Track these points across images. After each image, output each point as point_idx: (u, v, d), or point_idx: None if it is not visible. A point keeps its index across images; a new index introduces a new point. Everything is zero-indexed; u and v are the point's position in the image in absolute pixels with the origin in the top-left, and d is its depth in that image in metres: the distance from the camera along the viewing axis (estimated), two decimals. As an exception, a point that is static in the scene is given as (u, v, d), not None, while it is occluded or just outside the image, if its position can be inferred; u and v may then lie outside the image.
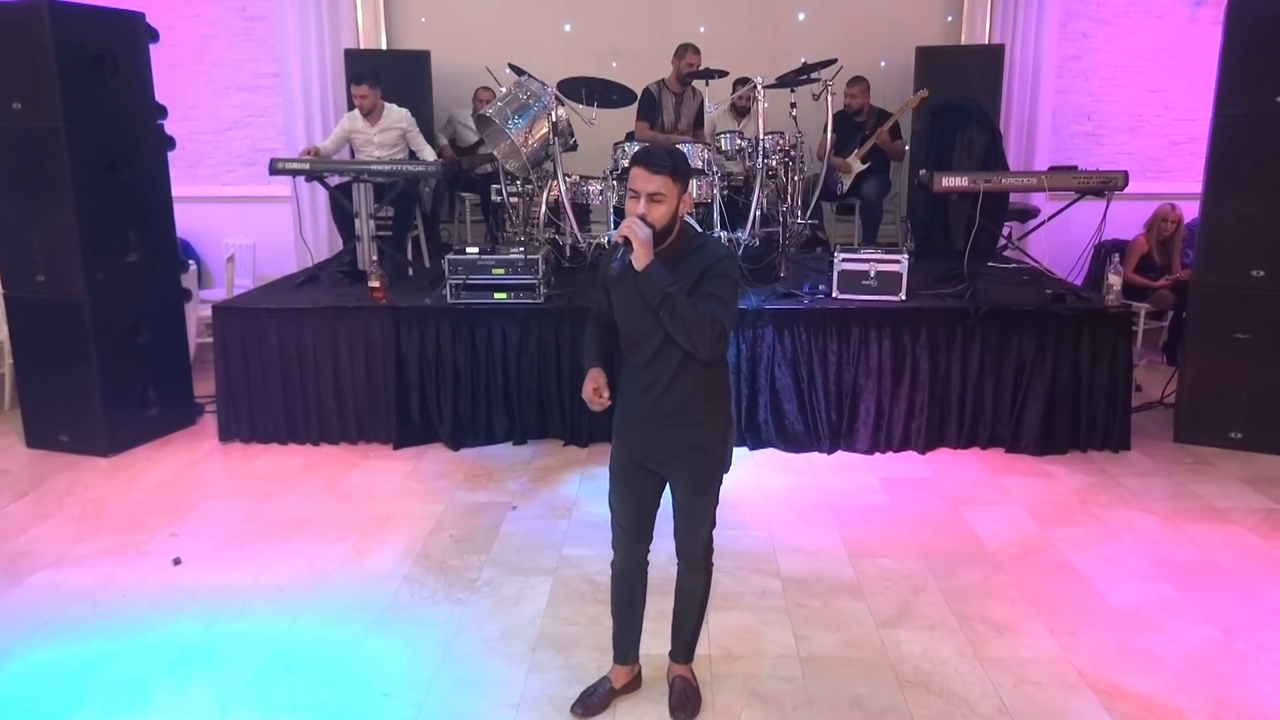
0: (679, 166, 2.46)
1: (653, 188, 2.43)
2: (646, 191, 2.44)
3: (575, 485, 4.64)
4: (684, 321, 2.40)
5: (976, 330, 4.95)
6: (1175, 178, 7.41)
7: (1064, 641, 3.25)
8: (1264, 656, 3.15)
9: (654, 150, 2.50)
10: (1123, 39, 7.44)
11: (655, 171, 2.43)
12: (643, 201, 2.45)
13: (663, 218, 2.46)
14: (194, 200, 7.12)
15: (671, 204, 2.46)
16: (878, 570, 3.77)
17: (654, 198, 2.44)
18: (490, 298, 5.10)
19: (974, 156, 6.23)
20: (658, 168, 2.43)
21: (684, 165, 2.49)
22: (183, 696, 2.99)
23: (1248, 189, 4.83)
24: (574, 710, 2.88)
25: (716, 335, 2.43)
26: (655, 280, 2.41)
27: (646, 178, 2.44)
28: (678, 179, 2.45)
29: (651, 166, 2.43)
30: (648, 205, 2.44)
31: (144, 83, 5.22)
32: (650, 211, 2.44)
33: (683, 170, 2.47)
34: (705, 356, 2.47)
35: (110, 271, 5.01)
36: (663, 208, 2.45)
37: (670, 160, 2.45)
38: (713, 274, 2.48)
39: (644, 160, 2.45)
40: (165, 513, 4.33)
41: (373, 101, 6.20)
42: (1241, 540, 4.01)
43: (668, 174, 2.43)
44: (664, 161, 2.43)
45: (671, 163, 2.44)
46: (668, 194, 2.44)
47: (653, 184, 2.43)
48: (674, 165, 2.44)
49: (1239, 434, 5.00)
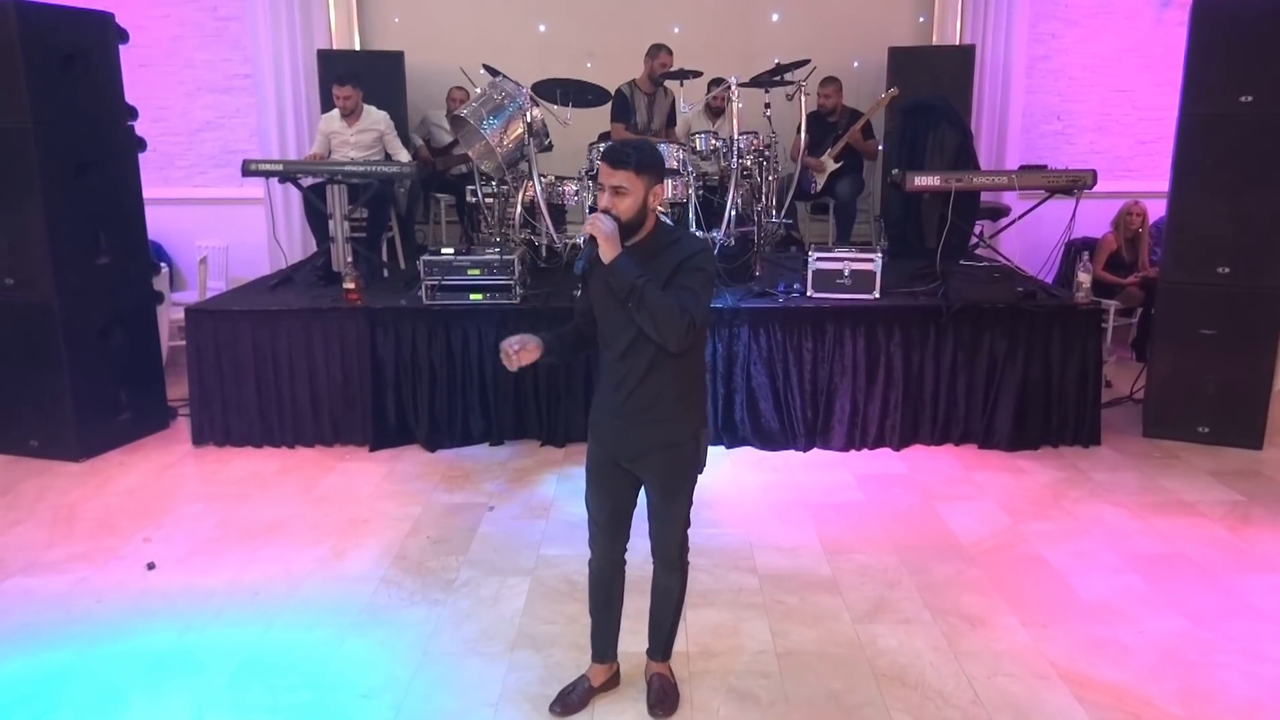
0: (643, 160, 2.49)
1: (615, 181, 2.47)
2: (610, 185, 2.48)
3: (552, 485, 4.65)
4: (652, 312, 2.43)
5: (949, 328, 5.00)
6: (1143, 176, 7.51)
7: (1036, 633, 3.30)
8: (1230, 645, 3.21)
9: (619, 145, 2.53)
10: (1091, 40, 7.54)
11: (617, 166, 2.47)
12: (607, 195, 2.49)
13: (628, 210, 2.49)
14: (165, 202, 7.05)
15: (637, 197, 2.49)
16: (853, 566, 3.80)
17: (618, 190, 2.48)
18: (466, 299, 5.10)
19: (946, 156, 6.29)
20: (619, 162, 2.47)
21: (650, 158, 2.51)
22: (159, 702, 2.97)
23: (1213, 187, 4.90)
24: (553, 709, 2.89)
25: (685, 326, 2.44)
26: (623, 272, 2.44)
27: (609, 172, 2.48)
28: (641, 172, 2.48)
29: (614, 161, 2.48)
30: (612, 198, 2.49)
31: (114, 84, 5.17)
32: (615, 204, 2.48)
33: (648, 163, 2.50)
34: (674, 348, 2.50)
35: (81, 274, 4.96)
36: (627, 200, 2.48)
37: (635, 154, 2.48)
38: (687, 267, 2.51)
39: (608, 155, 2.50)
40: (138, 517, 4.30)
41: (355, 102, 6.19)
42: (1209, 532, 4.07)
43: (630, 168, 2.46)
44: (627, 156, 2.47)
45: (636, 157, 2.47)
46: (631, 187, 2.47)
47: (615, 178, 2.47)
48: (638, 159, 2.47)
49: (1206, 428, 5.08)
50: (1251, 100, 4.78)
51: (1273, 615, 3.41)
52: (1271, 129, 4.78)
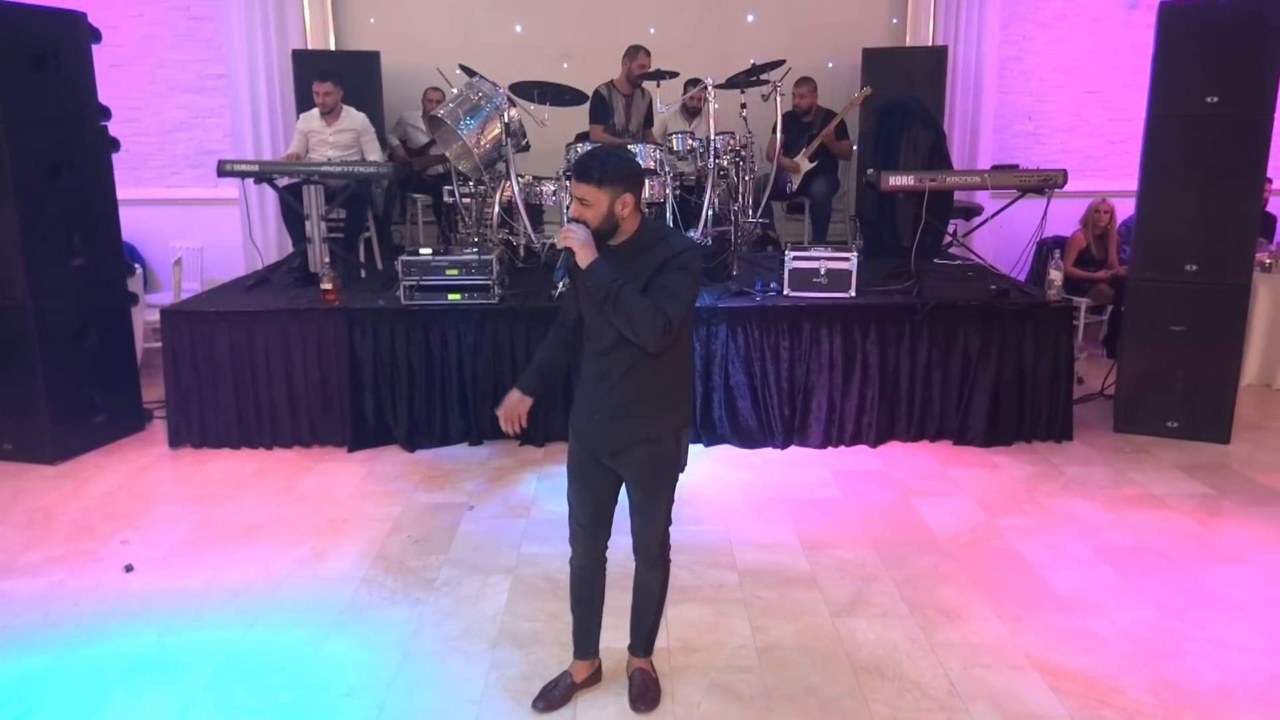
0: (608, 173, 2.53)
1: (579, 193, 2.57)
2: (576, 196, 2.58)
3: (532, 484, 4.66)
4: (628, 314, 2.49)
5: (924, 326, 5.06)
6: (1113, 176, 7.61)
7: (1011, 625, 3.35)
8: (1200, 634, 3.28)
9: (585, 158, 2.60)
10: (1061, 41, 7.64)
11: (580, 179, 2.55)
12: (573, 205, 2.59)
13: (594, 220, 2.56)
14: (138, 203, 6.98)
15: (600, 208, 2.55)
16: (832, 561, 3.85)
17: (582, 202, 2.56)
18: (444, 299, 5.10)
19: (919, 156, 6.35)
20: (583, 175, 2.55)
21: (615, 170, 2.55)
22: (139, 704, 2.96)
23: (1181, 186, 4.99)
24: (535, 705, 2.91)
25: (661, 328, 2.49)
26: (598, 276, 2.51)
27: (575, 183, 2.58)
28: (604, 185, 2.53)
29: (578, 175, 2.56)
30: (578, 208, 2.58)
31: (86, 84, 5.13)
32: (581, 214, 2.57)
33: (612, 175, 2.53)
34: (652, 348, 2.55)
35: (54, 276, 4.92)
36: (590, 211, 2.56)
37: (599, 168, 2.53)
38: (670, 265, 2.55)
39: (574, 168, 2.60)
40: (115, 520, 4.28)
41: (335, 100, 6.17)
42: (1178, 525, 4.15)
43: (593, 182, 2.53)
44: (591, 170, 2.53)
45: (600, 171, 2.53)
46: (594, 200, 2.54)
47: (579, 190, 2.57)
48: (600, 173, 2.53)
49: (1175, 423, 5.17)
50: (1217, 101, 4.87)
51: (1240, 604, 3.48)
52: (1236, 129, 4.87)
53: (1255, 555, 3.86)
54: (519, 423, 2.84)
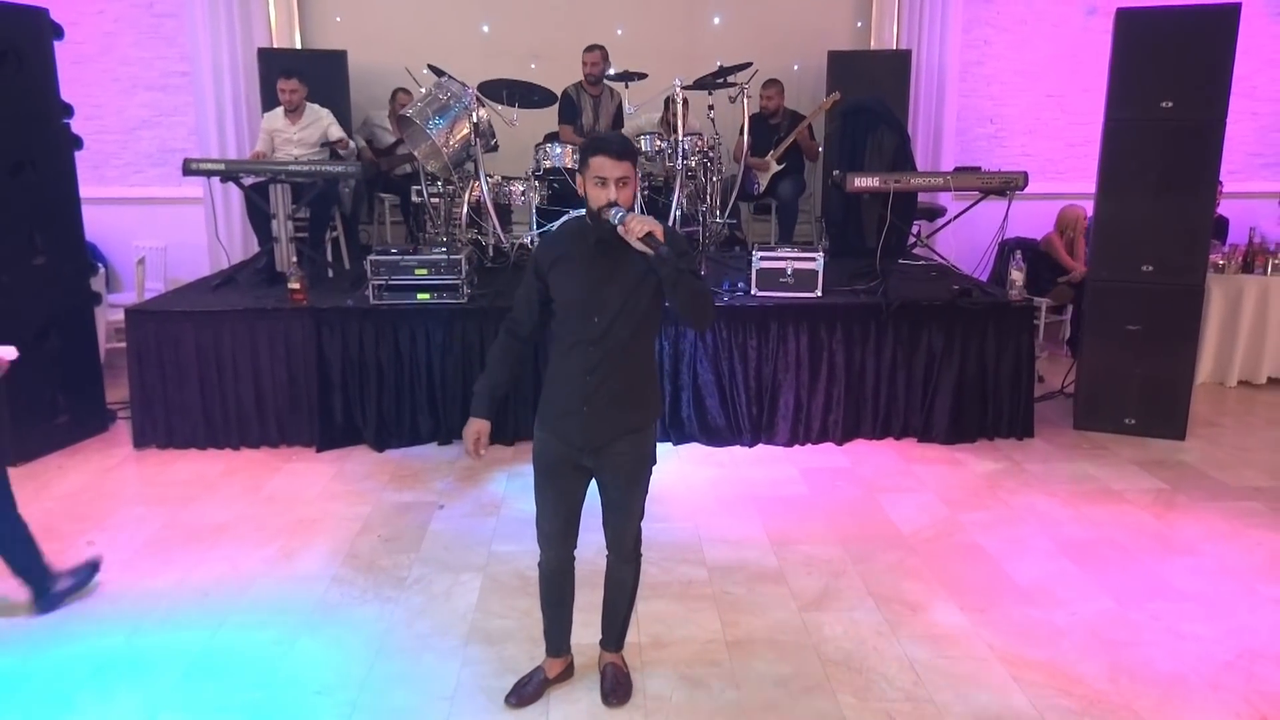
0: (635, 150, 2.59)
1: (620, 172, 2.50)
2: (615, 176, 2.50)
3: (502, 483, 4.68)
4: (698, 294, 2.56)
5: (889, 325, 5.14)
6: (1072, 178, 7.76)
7: (974, 617, 3.42)
8: (1155, 624, 3.38)
9: (611, 138, 2.58)
10: (1021, 46, 7.78)
11: (620, 157, 2.50)
12: (613, 187, 2.50)
13: (627, 201, 2.54)
14: (101, 202, 6.90)
15: (634, 187, 2.58)
16: (799, 557, 3.90)
17: (622, 181, 2.51)
18: (413, 298, 5.10)
19: (884, 157, 6.44)
20: (622, 153, 2.50)
21: (635, 148, 2.62)
22: (108, 704, 2.94)
23: (1137, 189, 5.11)
24: (508, 700, 2.93)
25: (712, 306, 2.63)
26: (671, 259, 2.45)
27: (614, 164, 2.49)
28: (636, 162, 2.57)
29: (615, 153, 2.50)
30: (618, 190, 2.51)
31: (48, 80, 5.06)
32: (620, 195, 2.51)
33: (637, 153, 2.62)
34: (703, 327, 2.67)
35: (15, 275, 4.86)
36: (628, 190, 2.54)
37: (630, 145, 2.56)
38: (680, 251, 2.55)
39: (605, 149, 2.51)
40: (80, 521, 4.23)
41: (300, 98, 6.15)
42: (1135, 519, 4.26)
43: (631, 159, 2.52)
44: (626, 147, 2.53)
45: (632, 147, 2.56)
46: (631, 178, 2.54)
47: (620, 169, 2.50)
48: (634, 149, 2.56)
49: (1132, 420, 5.29)
50: (1171, 106, 5.00)
51: (1194, 595, 3.58)
52: (1190, 133, 5.00)
53: (1208, 548, 3.97)
54: (483, 447, 2.78)
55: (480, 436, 2.77)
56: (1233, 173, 7.47)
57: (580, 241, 2.62)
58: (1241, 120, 7.43)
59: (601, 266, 2.58)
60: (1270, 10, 7.70)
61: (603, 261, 2.58)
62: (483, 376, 2.84)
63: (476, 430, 2.77)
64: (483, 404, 2.80)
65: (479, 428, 2.77)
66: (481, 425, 2.78)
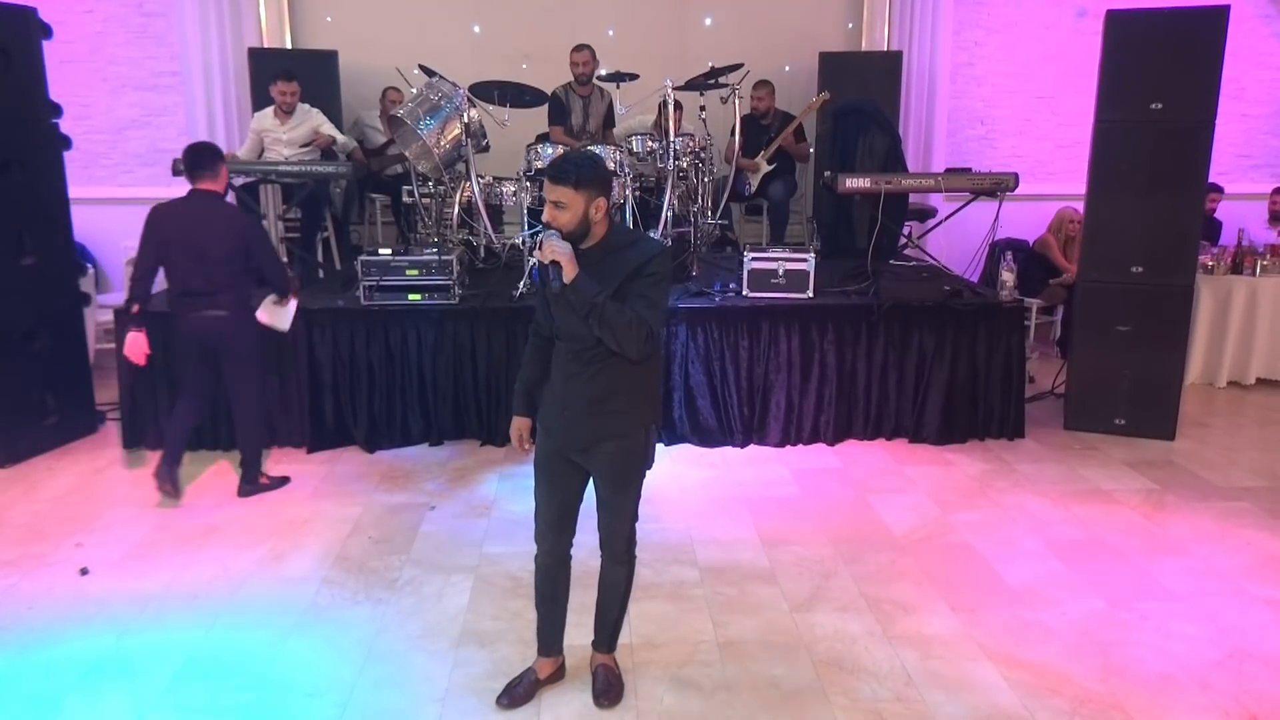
0: (583, 176, 2.54)
1: (555, 196, 2.56)
2: (550, 199, 2.57)
3: (494, 485, 4.67)
4: (611, 328, 2.53)
5: (880, 326, 5.15)
6: (1063, 180, 7.79)
7: (965, 618, 3.43)
8: (1145, 624, 3.39)
9: (560, 161, 2.60)
10: (1011, 47, 7.80)
11: (556, 182, 2.54)
12: (547, 209, 2.58)
13: (568, 224, 2.56)
14: (90, 202, 6.86)
15: (576, 211, 2.56)
16: (791, 557, 3.91)
17: (557, 205, 2.56)
18: (404, 299, 5.09)
19: (875, 159, 6.45)
20: (559, 178, 2.54)
21: (590, 173, 2.56)
22: (96, 707, 2.93)
23: (1127, 191, 5.13)
24: (500, 701, 2.92)
25: (643, 338, 2.56)
26: (582, 292, 2.52)
27: (550, 186, 2.56)
28: (581, 187, 2.54)
29: (554, 177, 2.55)
30: (551, 211, 2.57)
31: (37, 80, 5.05)
32: (555, 218, 2.56)
33: (588, 178, 2.55)
34: (634, 356, 2.60)
35: (3, 276, 4.84)
36: (566, 214, 2.56)
37: (575, 170, 2.54)
38: (645, 273, 2.59)
39: (549, 170, 2.57)
40: (69, 522, 4.21)
41: (296, 100, 6.13)
42: (1125, 519, 4.27)
43: (570, 184, 2.53)
44: (567, 173, 2.54)
45: (576, 173, 2.54)
46: (570, 202, 2.54)
47: (555, 193, 2.55)
48: (577, 175, 2.53)
49: (1123, 420, 5.31)
50: (1161, 107, 5.02)
51: (1184, 595, 3.60)
52: (1179, 135, 5.03)
53: (1197, 548, 3.99)
54: (527, 442, 2.95)
55: (522, 432, 2.95)
56: (1222, 174, 7.51)
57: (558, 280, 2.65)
58: (1230, 122, 7.46)
59: None
60: (1259, 12, 7.74)
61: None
62: (520, 376, 2.95)
63: (519, 427, 2.96)
64: (521, 401, 2.95)
65: (520, 425, 2.95)
66: (523, 422, 2.95)
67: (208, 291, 4.18)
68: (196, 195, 4.28)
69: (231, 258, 4.22)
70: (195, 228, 4.22)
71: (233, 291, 4.23)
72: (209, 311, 4.20)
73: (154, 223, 4.28)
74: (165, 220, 4.27)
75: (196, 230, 4.21)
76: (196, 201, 4.28)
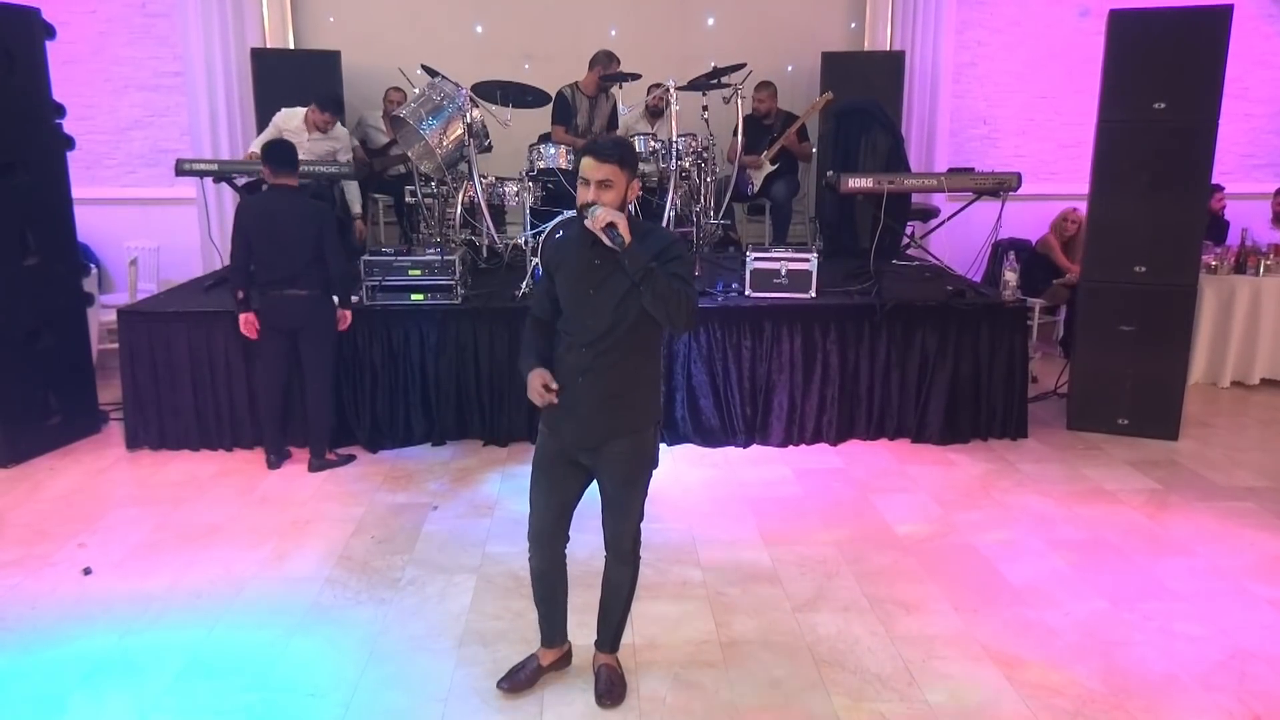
0: (626, 155, 2.58)
1: (601, 175, 2.54)
2: (595, 179, 2.54)
3: (496, 484, 4.67)
4: (663, 294, 2.53)
5: (883, 326, 5.15)
6: (1065, 180, 7.78)
7: (968, 618, 3.43)
8: (1148, 625, 3.38)
9: (602, 140, 2.62)
10: (1014, 47, 7.80)
11: (603, 160, 2.54)
12: (592, 188, 2.55)
13: (613, 203, 2.56)
14: (93, 202, 6.88)
15: (620, 190, 2.57)
16: (793, 557, 3.90)
17: (603, 184, 2.54)
18: (407, 299, 5.09)
19: (878, 159, 6.45)
20: (605, 156, 2.54)
21: (631, 154, 2.61)
22: (99, 707, 2.93)
23: (1130, 190, 5.12)
24: (500, 684, 2.94)
25: (692, 308, 2.57)
26: (639, 255, 2.52)
27: (595, 166, 2.54)
28: (625, 166, 2.56)
29: (599, 155, 2.55)
30: (597, 191, 2.55)
31: (40, 80, 5.06)
32: (600, 197, 2.54)
33: (630, 158, 2.59)
34: (682, 328, 2.61)
35: (7, 275, 4.85)
36: (611, 194, 2.55)
37: (618, 149, 2.57)
38: (669, 256, 2.60)
39: (592, 150, 2.57)
40: (72, 522, 4.22)
41: (330, 127, 6.11)
42: (1128, 519, 4.27)
43: (615, 162, 2.54)
44: (612, 150, 2.55)
45: (619, 151, 2.56)
46: (616, 181, 2.55)
47: (601, 171, 2.54)
48: (621, 154, 2.56)
49: (1125, 420, 5.30)
50: (1164, 107, 5.01)
51: (1187, 595, 3.59)
52: (1182, 134, 5.02)
53: (1200, 548, 3.98)
54: (552, 383, 2.67)
55: (545, 378, 2.67)
56: (1225, 174, 7.50)
57: (578, 247, 2.65)
58: (1234, 122, 7.45)
59: (596, 272, 2.62)
60: (1262, 12, 7.74)
61: (597, 268, 2.61)
62: (525, 344, 2.81)
63: (539, 377, 2.67)
64: (531, 358, 2.74)
65: (540, 375, 2.68)
66: (541, 372, 2.69)
67: (290, 276, 4.58)
68: (278, 189, 4.72)
69: (308, 243, 4.60)
70: (277, 217, 4.63)
71: (312, 274, 4.61)
72: (290, 291, 4.60)
73: (242, 217, 4.69)
74: (250, 213, 4.71)
75: (278, 220, 4.63)
76: (279, 195, 4.71)
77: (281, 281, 4.60)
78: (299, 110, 6.19)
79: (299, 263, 4.59)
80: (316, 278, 4.64)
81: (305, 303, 4.65)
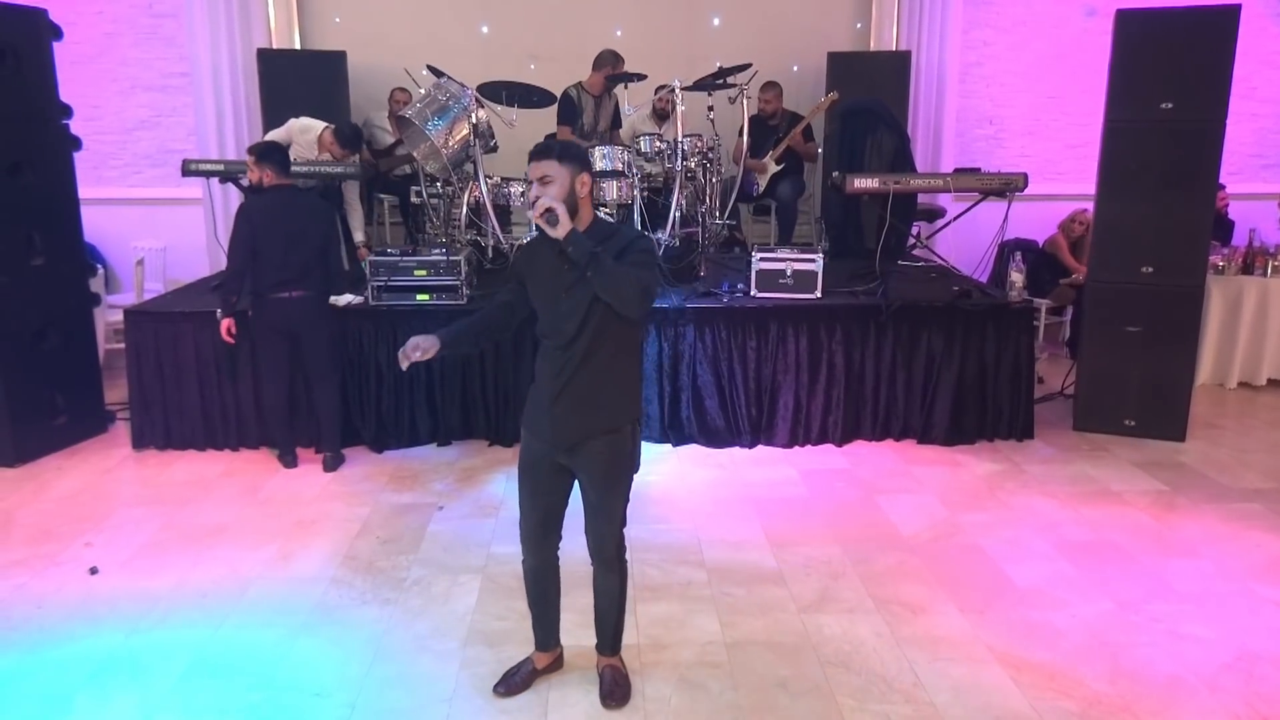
0: (563, 150, 2.62)
1: (539, 172, 2.61)
2: (535, 177, 2.62)
3: (501, 484, 4.67)
4: (612, 277, 2.54)
5: (889, 326, 5.14)
6: (1072, 180, 7.76)
7: (973, 619, 3.42)
8: (1155, 626, 3.37)
9: (540, 144, 2.69)
10: (1021, 47, 7.77)
11: (538, 158, 2.62)
12: (534, 188, 2.62)
13: (557, 196, 2.59)
14: (99, 202, 6.90)
15: (563, 184, 2.60)
16: (798, 558, 3.90)
17: (543, 180, 2.60)
18: (412, 299, 5.10)
19: (883, 159, 6.43)
20: (540, 154, 2.62)
21: (570, 150, 2.65)
22: (105, 706, 2.94)
23: (1137, 191, 5.10)
24: (496, 689, 2.96)
25: (641, 291, 2.58)
26: (582, 241, 2.56)
27: (533, 165, 2.63)
28: (563, 160, 2.60)
29: (535, 155, 2.63)
30: (540, 189, 2.60)
31: (47, 81, 5.07)
32: (544, 193, 2.59)
33: (569, 153, 2.62)
34: (634, 313, 2.62)
35: (14, 275, 4.86)
36: (553, 187, 2.59)
37: (555, 146, 2.63)
38: (632, 250, 2.64)
39: (531, 153, 2.65)
40: (78, 522, 4.23)
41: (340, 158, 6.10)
42: (1134, 520, 4.26)
43: (551, 158, 2.59)
44: (547, 148, 2.62)
45: (556, 148, 2.62)
46: (556, 175, 2.59)
47: (539, 169, 2.61)
48: (558, 150, 2.61)
49: (1132, 421, 5.29)
50: (1171, 107, 4.99)
51: (1193, 597, 3.58)
52: (1189, 134, 5.00)
53: (1207, 549, 3.97)
54: (409, 358, 2.75)
55: (423, 347, 2.75)
56: (1233, 174, 7.48)
57: (548, 253, 2.69)
58: (1241, 122, 7.43)
59: (566, 276, 2.65)
60: (1270, 11, 7.70)
61: (566, 272, 2.65)
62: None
63: (423, 341, 2.75)
64: (444, 332, 2.83)
65: (427, 341, 2.76)
66: (431, 340, 2.76)
67: (295, 275, 4.60)
68: (282, 189, 4.71)
69: (316, 240, 4.67)
70: (287, 215, 4.65)
71: (314, 274, 4.65)
72: (293, 292, 4.61)
73: (248, 217, 4.65)
74: (257, 213, 4.67)
75: (288, 218, 4.64)
76: (285, 194, 4.72)
77: (286, 282, 4.61)
78: (316, 124, 6.16)
79: (306, 261, 4.61)
80: (317, 278, 4.67)
81: (306, 303, 4.66)
